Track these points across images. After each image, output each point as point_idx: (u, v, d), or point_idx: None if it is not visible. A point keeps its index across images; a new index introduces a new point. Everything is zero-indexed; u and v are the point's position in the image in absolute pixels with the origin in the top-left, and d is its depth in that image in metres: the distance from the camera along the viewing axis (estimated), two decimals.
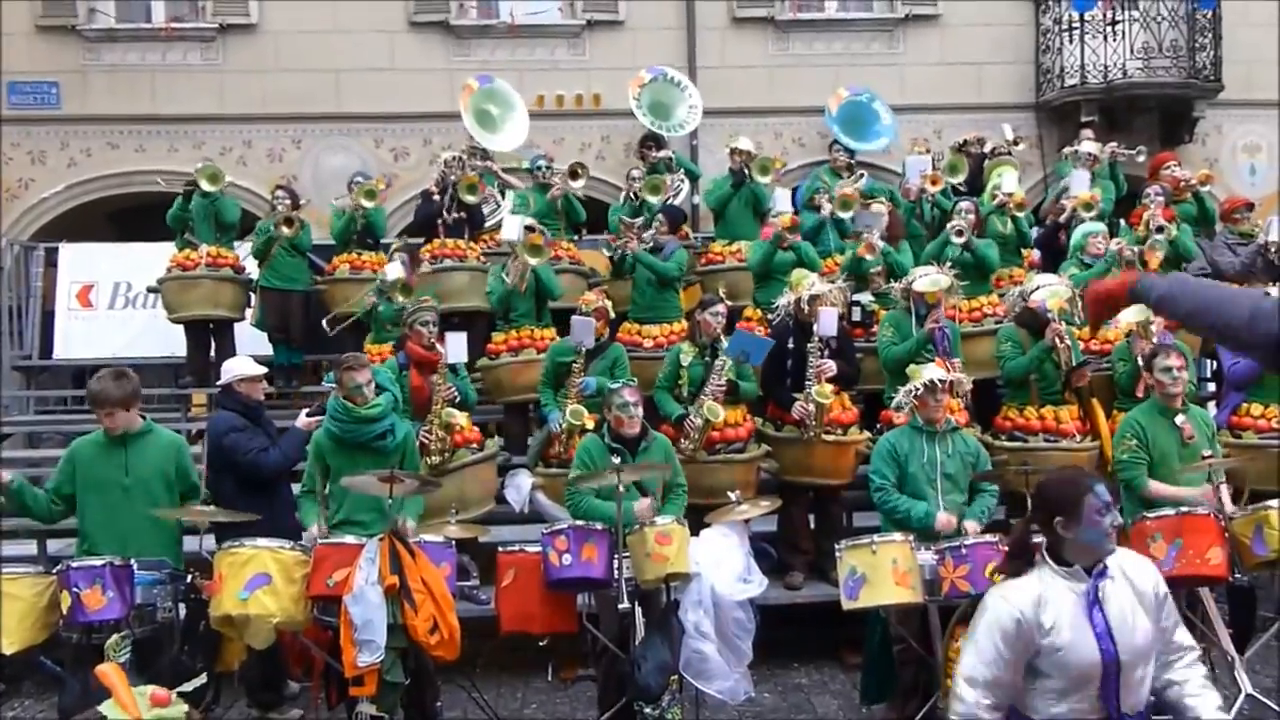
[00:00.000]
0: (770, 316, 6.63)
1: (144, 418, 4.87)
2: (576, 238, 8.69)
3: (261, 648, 4.59)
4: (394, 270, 7.22)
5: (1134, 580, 2.75)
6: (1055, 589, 2.71)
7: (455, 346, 6.04)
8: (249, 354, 7.36)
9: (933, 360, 6.07)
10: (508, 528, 6.02)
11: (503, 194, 8.84)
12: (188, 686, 3.60)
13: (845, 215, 7.58)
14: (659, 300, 7.28)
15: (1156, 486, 5.12)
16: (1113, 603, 2.70)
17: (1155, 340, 6.11)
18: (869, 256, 7.05)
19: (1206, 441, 5.30)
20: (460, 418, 5.94)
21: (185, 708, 3.42)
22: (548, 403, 6.33)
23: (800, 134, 11.49)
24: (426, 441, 5.86)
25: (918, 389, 5.12)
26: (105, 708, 3.22)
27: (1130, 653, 2.65)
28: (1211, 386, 7.94)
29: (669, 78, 9.43)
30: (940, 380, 5.08)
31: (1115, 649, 2.64)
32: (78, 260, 9.83)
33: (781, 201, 7.46)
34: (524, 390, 6.74)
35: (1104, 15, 11.26)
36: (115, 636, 3.73)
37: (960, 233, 6.94)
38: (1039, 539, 2.80)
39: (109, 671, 3.41)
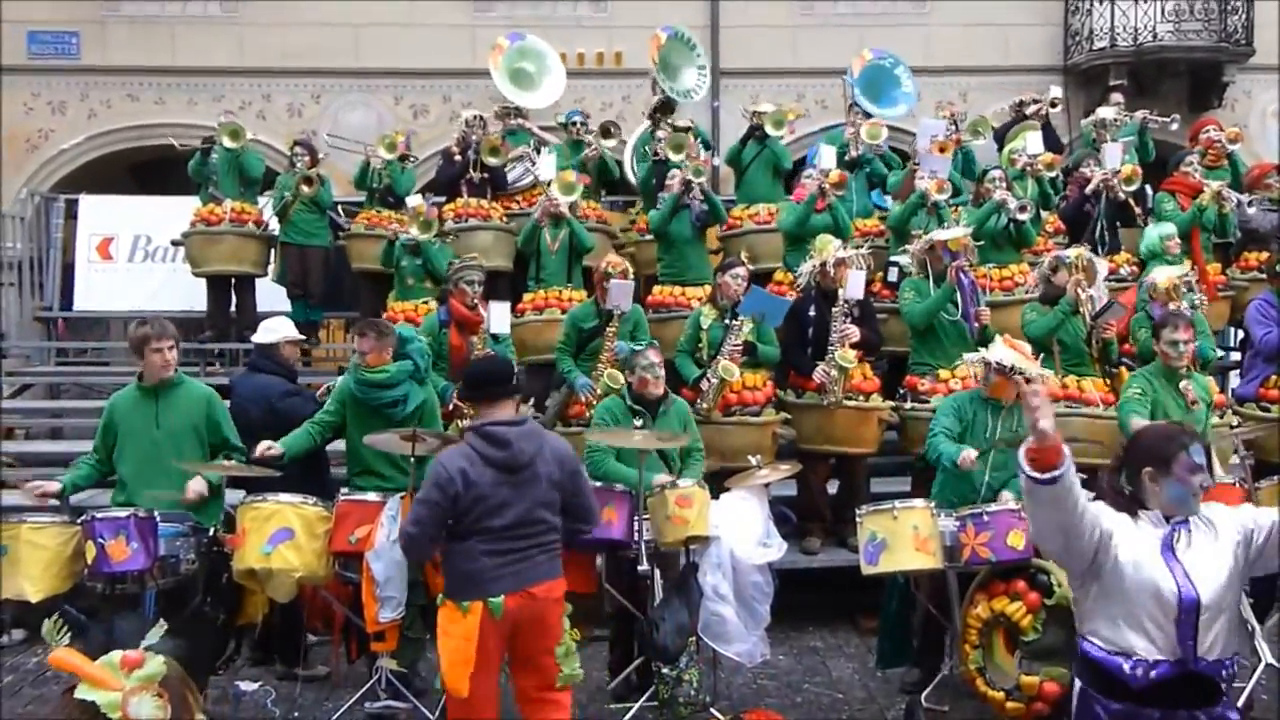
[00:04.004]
0: (799, 280, 6.56)
1: (175, 369, 4.89)
2: (600, 197, 8.61)
3: (283, 601, 4.63)
4: (415, 199, 7.33)
5: (1217, 527, 2.73)
6: (1134, 527, 2.70)
7: (498, 316, 6.00)
8: (269, 309, 7.40)
9: (958, 317, 6.01)
10: None
11: (538, 152, 8.75)
12: (153, 636, 3.60)
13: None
14: (698, 260, 7.25)
15: (1135, 423, 5.01)
16: (1191, 550, 2.68)
17: (1184, 304, 6.05)
18: (938, 195, 6.99)
19: (1206, 408, 5.28)
20: None
21: (160, 660, 3.41)
22: (569, 369, 6.22)
23: (823, 96, 11.34)
24: (460, 404, 5.83)
25: (979, 364, 5.03)
26: (81, 691, 3.17)
27: (1210, 597, 2.62)
28: (1236, 356, 7.88)
29: (680, 36, 9.24)
30: (999, 363, 4.87)
31: (1195, 591, 2.61)
32: (98, 212, 9.86)
33: (826, 158, 7.27)
34: (546, 350, 6.70)
35: None
36: (48, 622, 3.71)
37: (1024, 208, 6.90)
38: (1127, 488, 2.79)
39: (64, 657, 3.35)
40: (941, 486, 5.00)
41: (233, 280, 8.45)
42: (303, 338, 5.89)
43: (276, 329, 5.71)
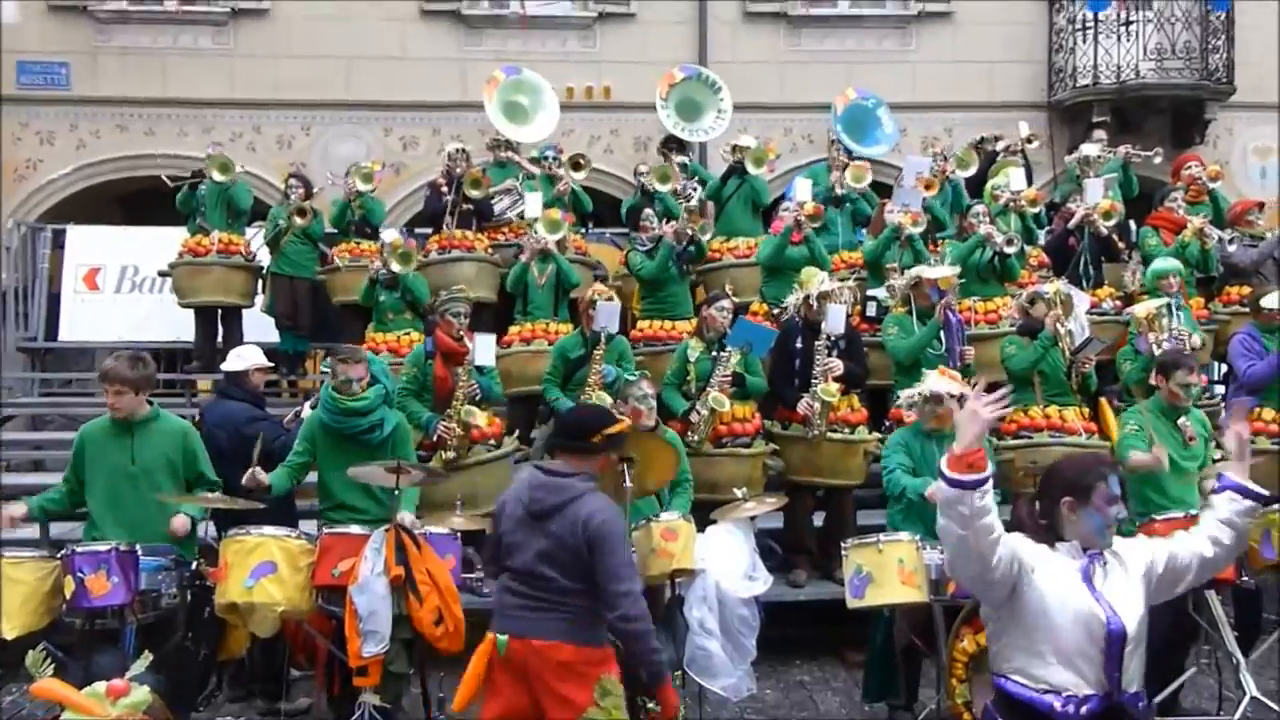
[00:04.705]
0: (776, 311, 6.61)
1: (151, 403, 4.84)
2: (584, 230, 8.66)
3: (266, 636, 4.58)
4: (391, 234, 7.31)
5: (1126, 562, 2.75)
6: (1051, 559, 2.69)
7: (484, 348, 6.01)
8: (257, 340, 7.41)
9: (943, 352, 6.04)
10: None
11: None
12: (138, 667, 3.57)
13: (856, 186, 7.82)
14: (683, 297, 7.30)
15: (1135, 456, 5.08)
16: (1108, 581, 2.69)
17: (1164, 334, 6.13)
18: (915, 228, 7.05)
19: (1204, 443, 5.33)
20: (479, 417, 5.91)
21: (146, 689, 3.39)
22: (556, 397, 6.28)
23: (810, 130, 11.46)
24: (445, 435, 5.86)
25: (918, 397, 5.12)
26: (67, 718, 3.16)
27: (1133, 628, 2.63)
28: (1220, 389, 7.92)
29: (704, 77, 9.33)
30: (934, 393, 5.05)
31: (1121, 621, 2.61)
32: (85, 243, 9.83)
33: (802, 191, 7.35)
34: (532, 381, 6.72)
35: (1118, 15, 11.22)
36: (31, 653, 3.67)
37: (1011, 241, 6.95)
38: (1043, 520, 2.79)
39: (48, 686, 3.33)
40: (906, 518, 5.03)
41: (220, 311, 8.44)
42: (271, 365, 5.93)
43: (245, 357, 5.78)
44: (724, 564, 4.77)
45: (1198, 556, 2.76)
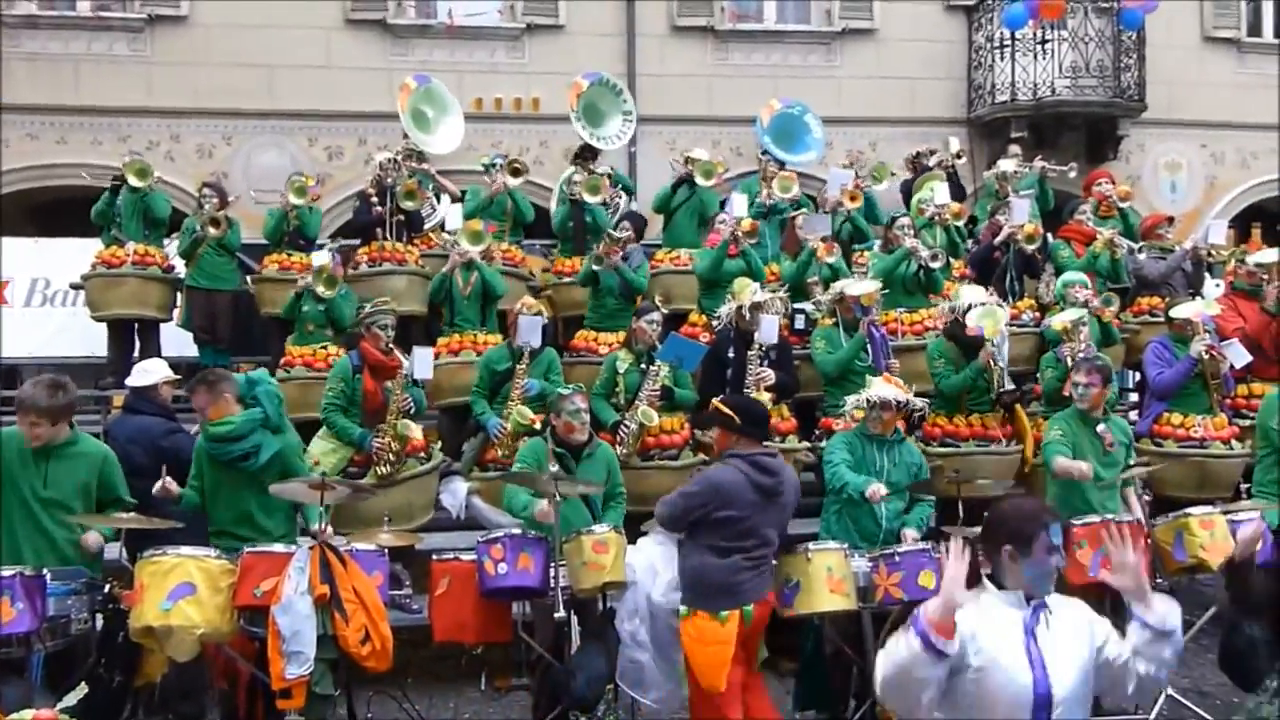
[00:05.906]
0: (715, 323, 6.64)
1: (72, 426, 4.63)
2: (518, 241, 8.60)
3: (184, 660, 4.43)
4: (321, 257, 7.19)
5: (1073, 615, 2.71)
6: (993, 612, 2.64)
7: (422, 362, 5.91)
8: (175, 355, 7.23)
9: (870, 365, 6.15)
10: (442, 534, 5.93)
11: (438, 197, 8.72)
12: (70, 699, 3.45)
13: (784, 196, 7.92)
14: (620, 309, 7.25)
15: (1060, 462, 5.22)
16: (1050, 634, 2.63)
17: (1081, 344, 6.31)
18: (829, 258, 7.15)
19: (1125, 450, 5.48)
20: (415, 430, 5.83)
21: None
22: (482, 411, 6.22)
23: (738, 143, 11.57)
24: (380, 450, 5.78)
25: (865, 402, 5.19)
26: None
27: (1062, 690, 2.57)
28: (1134, 396, 8.17)
29: (606, 82, 9.33)
30: (883, 399, 5.13)
31: (1049, 683, 2.55)
32: None
33: (738, 206, 7.41)
34: (461, 392, 6.64)
35: (1034, 34, 11.57)
36: None
37: (936, 256, 7.07)
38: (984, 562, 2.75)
39: None
40: (840, 518, 5.13)
41: (136, 325, 8.18)
42: (179, 377, 5.77)
43: (152, 370, 5.64)
44: (655, 576, 4.76)
45: (1133, 672, 2.68)
